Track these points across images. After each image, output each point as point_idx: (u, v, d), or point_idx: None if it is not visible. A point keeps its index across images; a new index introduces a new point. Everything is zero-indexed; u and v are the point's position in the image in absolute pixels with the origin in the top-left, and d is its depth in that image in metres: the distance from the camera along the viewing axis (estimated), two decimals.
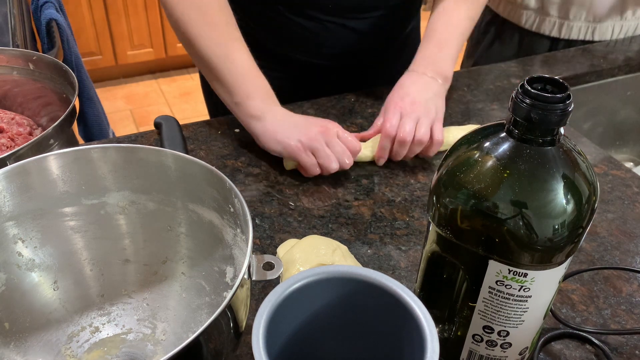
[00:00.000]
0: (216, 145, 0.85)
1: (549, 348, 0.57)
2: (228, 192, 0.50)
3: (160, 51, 2.86)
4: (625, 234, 0.72)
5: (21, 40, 1.13)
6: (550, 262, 0.43)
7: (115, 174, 0.55)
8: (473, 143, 0.45)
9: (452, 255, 0.47)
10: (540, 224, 0.41)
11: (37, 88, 0.85)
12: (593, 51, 1.14)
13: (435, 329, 0.39)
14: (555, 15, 1.17)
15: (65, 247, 0.56)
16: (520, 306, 0.45)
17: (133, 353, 0.56)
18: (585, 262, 0.67)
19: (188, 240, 0.57)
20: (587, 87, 1.10)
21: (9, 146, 0.77)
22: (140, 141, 0.85)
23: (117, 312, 0.59)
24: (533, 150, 0.41)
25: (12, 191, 0.52)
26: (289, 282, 0.41)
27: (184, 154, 0.53)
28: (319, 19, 0.92)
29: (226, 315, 0.43)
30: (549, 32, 1.19)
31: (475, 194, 0.43)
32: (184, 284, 0.58)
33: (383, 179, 0.80)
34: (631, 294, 0.63)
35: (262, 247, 0.68)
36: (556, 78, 0.41)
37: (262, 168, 0.80)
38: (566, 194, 0.41)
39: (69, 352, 0.55)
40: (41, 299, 0.56)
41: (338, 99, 0.96)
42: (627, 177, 0.82)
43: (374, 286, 0.42)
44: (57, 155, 0.53)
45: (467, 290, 0.47)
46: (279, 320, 0.40)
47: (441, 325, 0.52)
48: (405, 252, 0.68)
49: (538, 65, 1.10)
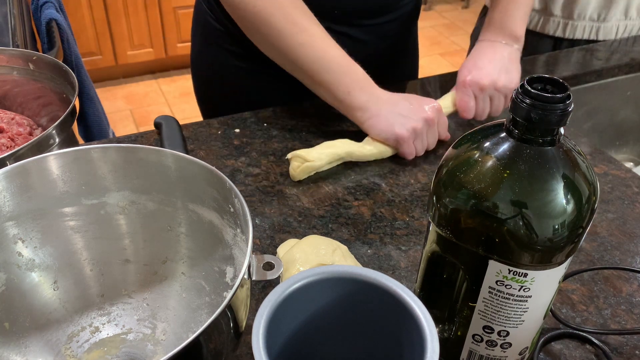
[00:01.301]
0: (216, 145, 0.85)
1: (549, 348, 0.57)
2: (228, 192, 0.50)
3: (160, 51, 2.87)
4: (625, 234, 0.72)
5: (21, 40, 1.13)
6: (550, 262, 0.43)
7: (115, 174, 0.55)
8: (473, 143, 0.45)
9: (452, 255, 0.47)
10: (540, 224, 0.41)
11: (37, 88, 0.85)
12: (593, 51, 1.14)
13: (435, 329, 0.39)
14: (559, 15, 1.17)
15: (65, 247, 0.56)
16: (520, 306, 0.45)
17: (133, 353, 0.56)
18: (585, 262, 0.67)
19: (188, 240, 0.57)
20: (587, 87, 1.10)
21: (9, 146, 0.77)
22: (140, 141, 0.85)
23: (117, 312, 0.59)
24: (533, 150, 0.41)
25: (12, 191, 0.52)
26: (289, 282, 0.41)
27: (184, 154, 0.53)
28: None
29: (226, 315, 0.43)
30: (552, 32, 1.19)
31: (475, 194, 0.43)
32: (184, 284, 0.58)
33: (383, 179, 0.80)
34: (631, 294, 0.63)
35: (262, 247, 0.68)
36: (556, 78, 0.41)
37: (262, 168, 0.80)
38: (566, 194, 0.41)
39: (69, 352, 0.55)
40: (41, 299, 0.56)
41: None
42: (627, 177, 0.82)
43: (374, 286, 0.42)
44: (57, 155, 0.53)
45: (467, 290, 0.47)
46: (279, 320, 0.40)
47: (441, 325, 0.52)
48: (405, 252, 0.68)
49: (538, 65, 1.10)
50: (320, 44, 0.79)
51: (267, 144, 0.85)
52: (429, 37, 3.56)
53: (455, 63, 3.28)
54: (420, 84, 1.02)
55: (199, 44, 1.03)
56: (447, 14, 3.88)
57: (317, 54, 0.79)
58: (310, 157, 0.78)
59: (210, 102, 1.10)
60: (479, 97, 0.82)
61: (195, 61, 1.08)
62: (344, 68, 0.80)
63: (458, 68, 1.40)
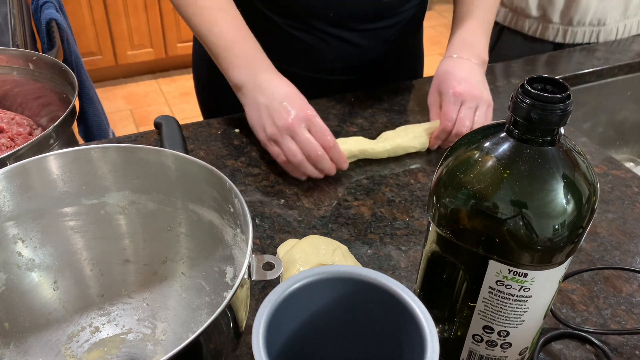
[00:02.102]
0: (216, 145, 0.85)
1: (549, 348, 0.57)
2: (228, 192, 0.50)
3: (160, 51, 2.86)
4: (625, 234, 0.72)
5: (21, 40, 1.13)
6: (550, 262, 0.43)
7: (115, 174, 0.55)
8: (473, 143, 0.45)
9: (452, 255, 0.47)
10: (540, 224, 0.41)
11: (37, 88, 0.85)
12: (593, 51, 1.14)
13: (435, 329, 0.39)
14: (558, 22, 1.16)
15: (65, 247, 0.56)
16: (520, 306, 0.45)
17: (133, 353, 0.56)
18: (585, 262, 0.67)
19: (188, 240, 0.57)
20: (587, 87, 1.10)
21: (9, 146, 0.77)
22: (140, 141, 0.85)
23: (117, 312, 0.59)
24: (533, 150, 0.41)
25: (12, 191, 0.52)
26: (289, 282, 0.41)
27: (184, 154, 0.53)
28: (319, 31, 0.90)
29: (226, 315, 0.43)
30: (552, 38, 1.18)
31: (475, 194, 0.43)
32: (184, 284, 0.58)
33: (383, 179, 0.80)
34: (631, 294, 0.63)
35: (262, 247, 0.68)
36: (556, 78, 0.41)
37: (262, 168, 0.80)
38: (566, 194, 0.41)
39: (69, 352, 0.55)
40: (41, 299, 0.56)
41: (338, 99, 0.96)
42: (627, 177, 0.82)
43: (374, 286, 0.42)
44: (57, 155, 0.53)
45: (467, 290, 0.47)
46: (279, 320, 0.40)
47: (441, 325, 0.52)
48: (405, 252, 0.68)
49: (539, 65, 1.10)
50: (209, 17, 0.78)
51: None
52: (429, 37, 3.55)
53: None
54: (420, 84, 1.02)
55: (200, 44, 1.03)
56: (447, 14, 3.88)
57: (205, 25, 0.78)
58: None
59: (211, 103, 1.10)
60: (464, 108, 0.80)
61: (196, 61, 1.08)
62: (227, 43, 0.77)
63: None
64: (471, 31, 0.86)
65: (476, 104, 0.80)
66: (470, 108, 0.79)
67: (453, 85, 0.81)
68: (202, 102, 1.12)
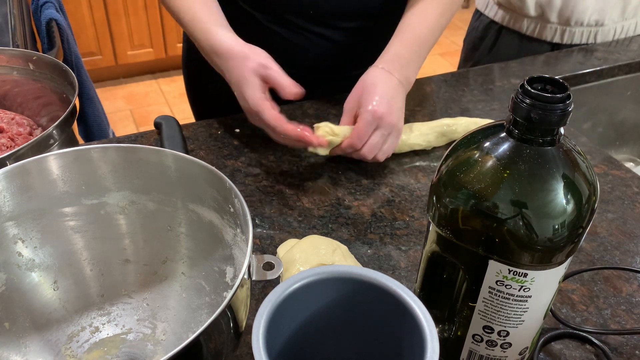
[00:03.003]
0: (216, 145, 0.85)
1: (549, 348, 0.57)
2: (228, 192, 0.50)
3: (160, 51, 2.86)
4: (625, 234, 0.72)
5: (21, 40, 1.13)
6: (550, 262, 0.43)
7: (115, 174, 0.55)
8: (473, 143, 0.45)
9: (452, 255, 0.47)
10: (540, 224, 0.41)
11: (37, 88, 0.85)
12: (593, 51, 1.14)
13: (435, 329, 0.39)
14: (555, 22, 1.16)
15: (65, 247, 0.56)
16: (520, 306, 0.45)
17: (133, 353, 0.56)
18: (585, 262, 0.67)
19: (188, 240, 0.57)
20: (587, 87, 1.10)
21: (9, 146, 0.77)
22: (140, 141, 0.85)
23: (117, 312, 0.59)
24: (533, 150, 0.41)
25: (12, 191, 0.52)
26: (289, 282, 0.41)
27: (184, 154, 0.53)
28: (300, 28, 0.90)
29: (226, 315, 0.43)
30: (550, 38, 1.18)
31: (475, 194, 0.43)
32: (184, 284, 0.58)
33: (383, 179, 0.80)
34: (631, 294, 0.63)
35: (262, 247, 0.68)
36: (556, 78, 0.41)
37: (262, 168, 0.80)
38: (566, 194, 0.41)
39: (69, 352, 0.55)
40: (41, 299, 0.56)
41: (338, 99, 0.96)
42: (627, 177, 0.82)
43: (374, 286, 0.42)
44: (57, 155, 0.53)
45: (467, 290, 0.47)
46: (279, 320, 0.40)
47: (441, 325, 0.52)
48: (405, 252, 0.68)
49: (538, 65, 1.10)
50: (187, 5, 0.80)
51: (267, 144, 0.85)
52: None
53: (455, 63, 3.28)
54: (420, 84, 1.02)
55: (188, 41, 1.02)
56: None
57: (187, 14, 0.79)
58: (337, 131, 0.76)
59: (202, 104, 1.09)
60: (377, 133, 0.75)
61: (185, 59, 1.07)
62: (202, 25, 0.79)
63: (458, 68, 1.40)
64: (409, 47, 0.82)
65: (389, 131, 0.76)
66: (383, 135, 0.75)
67: (375, 104, 0.75)
68: (194, 105, 1.12)
